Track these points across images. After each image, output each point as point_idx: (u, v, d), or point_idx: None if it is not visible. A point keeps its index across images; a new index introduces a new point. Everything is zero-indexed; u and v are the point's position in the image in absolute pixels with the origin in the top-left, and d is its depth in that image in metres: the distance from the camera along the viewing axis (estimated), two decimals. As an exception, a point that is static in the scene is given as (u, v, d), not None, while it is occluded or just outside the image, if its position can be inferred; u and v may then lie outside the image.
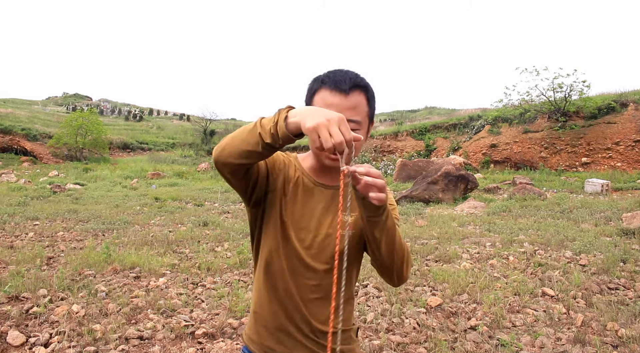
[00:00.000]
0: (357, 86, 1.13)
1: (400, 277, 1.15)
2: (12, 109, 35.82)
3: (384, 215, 1.03)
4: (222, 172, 1.11)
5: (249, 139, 1.02)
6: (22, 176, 17.91)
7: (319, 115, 0.90)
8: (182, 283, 4.44)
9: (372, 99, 1.18)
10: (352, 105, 1.12)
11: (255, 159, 1.06)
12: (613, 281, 4.36)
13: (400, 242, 1.10)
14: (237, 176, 1.12)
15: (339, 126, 0.89)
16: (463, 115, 24.53)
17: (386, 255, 1.09)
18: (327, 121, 0.89)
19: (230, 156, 1.05)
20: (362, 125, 1.15)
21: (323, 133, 0.88)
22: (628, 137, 15.38)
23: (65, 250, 5.78)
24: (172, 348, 3.09)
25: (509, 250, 5.60)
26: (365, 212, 1.02)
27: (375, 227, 1.04)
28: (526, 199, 10.08)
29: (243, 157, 1.05)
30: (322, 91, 1.13)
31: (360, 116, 1.14)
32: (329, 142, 0.88)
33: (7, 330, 3.18)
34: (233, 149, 1.04)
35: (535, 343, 3.14)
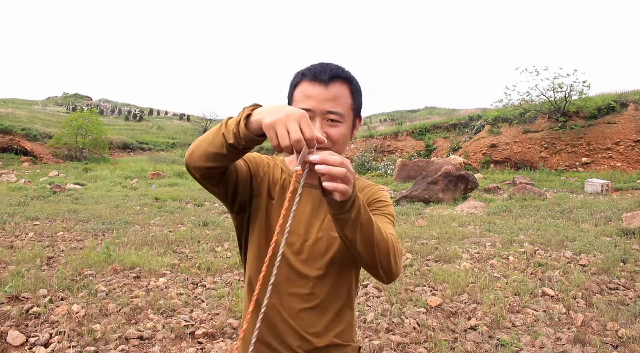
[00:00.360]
0: (337, 77, 1.08)
1: (389, 274, 1.05)
2: (12, 109, 35.83)
3: (353, 212, 0.91)
4: (194, 177, 1.04)
5: (215, 141, 0.96)
6: (22, 176, 17.92)
7: (278, 111, 0.84)
8: (182, 283, 4.44)
9: (356, 92, 1.13)
10: (333, 96, 1.07)
11: (223, 162, 0.99)
12: (613, 281, 4.36)
13: (381, 236, 1.00)
14: (212, 181, 1.05)
15: (299, 123, 0.83)
16: (463, 115, 24.55)
17: (366, 254, 0.99)
18: (286, 117, 0.83)
19: (198, 160, 0.99)
20: (345, 118, 1.10)
21: (280, 130, 0.82)
22: (628, 137, 15.39)
23: (65, 250, 5.78)
24: (172, 348, 3.09)
25: (509, 250, 5.60)
26: (329, 208, 0.92)
27: (344, 225, 0.93)
28: (526, 199, 10.08)
29: (210, 160, 0.98)
30: (302, 83, 1.09)
31: (341, 108, 1.08)
32: (286, 140, 0.82)
33: (7, 330, 3.18)
34: (200, 151, 0.98)
35: (535, 343, 3.14)
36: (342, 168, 0.83)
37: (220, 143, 0.95)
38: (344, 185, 0.84)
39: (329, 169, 0.82)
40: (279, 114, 0.83)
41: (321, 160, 0.83)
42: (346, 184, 0.84)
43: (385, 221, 1.16)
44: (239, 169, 1.11)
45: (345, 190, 0.84)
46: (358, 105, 1.15)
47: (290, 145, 0.82)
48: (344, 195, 0.86)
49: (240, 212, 1.18)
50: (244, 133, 0.90)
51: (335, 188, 0.83)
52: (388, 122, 33.63)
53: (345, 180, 0.84)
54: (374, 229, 0.97)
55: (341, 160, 0.83)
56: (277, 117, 0.83)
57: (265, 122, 0.84)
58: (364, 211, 0.94)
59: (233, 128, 0.92)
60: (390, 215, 1.20)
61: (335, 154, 0.84)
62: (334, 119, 1.07)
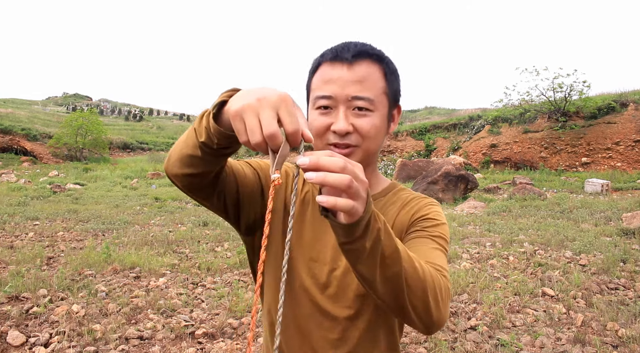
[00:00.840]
0: (365, 54, 0.86)
1: (428, 321, 0.74)
2: (12, 109, 35.84)
3: (368, 239, 0.63)
4: (178, 187, 0.85)
5: (188, 140, 0.77)
6: (22, 176, 17.92)
7: (250, 94, 0.61)
8: (182, 283, 4.44)
9: (391, 74, 0.89)
10: (359, 77, 0.84)
11: (202, 168, 0.78)
12: (613, 281, 4.36)
13: (415, 273, 0.71)
14: (199, 193, 0.85)
15: (277, 110, 0.59)
16: (463, 115, 24.54)
17: (390, 298, 0.71)
18: (258, 102, 0.59)
19: (174, 165, 0.81)
20: (376, 105, 0.86)
21: (249, 120, 0.59)
22: (628, 137, 15.39)
23: (65, 250, 5.78)
24: (172, 348, 3.09)
25: (509, 250, 5.60)
26: (335, 235, 0.65)
27: (356, 258, 0.66)
28: (526, 199, 10.08)
29: (186, 164, 0.78)
30: (321, 67, 0.88)
31: (371, 92, 0.85)
32: (256, 134, 0.58)
33: (7, 330, 3.18)
34: (176, 155, 0.80)
35: (535, 343, 3.14)
36: (344, 175, 0.56)
37: (193, 142, 0.75)
38: (349, 200, 0.58)
39: (324, 176, 0.56)
40: (250, 98, 0.60)
41: (312, 163, 0.57)
42: (352, 199, 0.58)
43: (431, 247, 0.87)
44: (242, 177, 0.90)
45: (350, 208, 0.58)
46: (394, 91, 0.91)
47: (262, 141, 0.58)
48: (351, 216, 0.59)
49: (249, 233, 0.97)
50: (214, 128, 0.70)
51: (335, 206, 0.57)
52: (388, 122, 33.63)
53: (350, 192, 0.57)
54: (403, 263, 0.69)
55: (343, 164, 0.57)
56: (247, 101, 0.60)
57: (231, 110, 0.61)
58: (387, 238, 0.66)
59: (204, 122, 0.72)
60: (440, 239, 0.90)
61: (336, 155, 0.59)
62: (362, 106, 0.85)
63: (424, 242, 0.88)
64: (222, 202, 0.89)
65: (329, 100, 0.85)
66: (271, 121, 0.58)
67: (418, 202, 0.97)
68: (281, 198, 0.97)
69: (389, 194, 1.01)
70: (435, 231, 0.91)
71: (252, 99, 0.60)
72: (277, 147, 0.59)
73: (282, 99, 0.60)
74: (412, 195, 1.00)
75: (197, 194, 0.85)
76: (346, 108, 0.85)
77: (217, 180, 0.84)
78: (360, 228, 0.62)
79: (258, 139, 0.58)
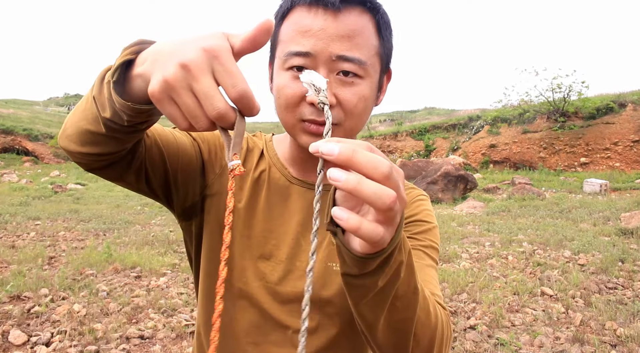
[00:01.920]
0: (356, 1, 0.64)
1: None
2: (14, 109, 35.86)
3: (382, 277, 0.47)
4: (79, 165, 0.64)
5: (87, 111, 0.56)
6: (24, 176, 17.93)
7: (167, 59, 0.43)
8: (182, 283, 4.46)
9: (385, 28, 0.67)
10: (348, 31, 0.62)
11: (108, 147, 0.57)
12: (612, 280, 4.38)
13: (427, 319, 0.56)
14: (107, 173, 0.64)
15: (212, 69, 0.41)
16: (462, 115, 24.56)
17: (388, 347, 0.56)
18: (182, 69, 0.41)
19: (70, 139, 0.59)
20: (367, 70, 0.65)
21: (183, 100, 0.42)
22: (626, 138, 15.41)
23: (66, 249, 5.79)
24: (173, 348, 3.11)
25: (508, 250, 5.62)
26: (339, 261, 0.49)
27: (359, 297, 0.50)
28: (525, 199, 10.11)
29: (85, 142, 0.57)
30: (294, 11, 0.65)
31: (362, 52, 0.64)
32: (200, 117, 0.42)
33: (8, 330, 3.20)
34: (73, 127, 0.58)
35: (534, 343, 3.16)
36: (387, 189, 0.38)
37: (93, 116, 0.54)
38: (379, 226, 0.40)
39: (358, 183, 0.37)
40: (169, 66, 0.42)
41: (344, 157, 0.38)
42: (384, 225, 0.40)
43: (424, 263, 0.70)
44: (172, 150, 0.69)
45: (379, 238, 0.40)
46: (388, 51, 0.70)
47: (210, 124, 0.43)
48: (373, 246, 0.43)
49: (185, 218, 0.78)
50: (119, 103, 0.50)
51: (357, 231, 0.39)
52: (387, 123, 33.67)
53: (387, 216, 0.39)
54: (417, 309, 0.53)
55: (389, 169, 0.39)
56: (167, 73, 0.42)
57: (151, 91, 0.43)
58: (407, 275, 0.50)
59: (105, 91, 0.51)
60: (432, 250, 0.73)
61: (377, 151, 0.41)
62: (349, 70, 0.63)
63: (415, 256, 0.69)
64: (145, 182, 0.68)
65: (306, 59, 0.63)
66: (212, 95, 0.41)
67: (407, 194, 0.78)
68: (227, 177, 0.71)
69: None
70: (427, 239, 0.73)
71: (174, 67, 0.42)
72: (228, 124, 0.43)
73: (212, 54, 0.41)
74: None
75: (103, 173, 0.64)
76: (328, 72, 0.63)
77: (133, 157, 0.63)
78: (377, 261, 0.45)
79: (204, 122, 0.43)
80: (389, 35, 0.69)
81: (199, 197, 0.75)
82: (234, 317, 0.74)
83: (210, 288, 0.76)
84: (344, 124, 0.66)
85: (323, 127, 0.63)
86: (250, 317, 0.73)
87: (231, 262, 0.73)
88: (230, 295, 0.74)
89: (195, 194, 0.74)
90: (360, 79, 0.65)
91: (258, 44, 0.43)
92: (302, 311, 0.44)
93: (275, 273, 0.73)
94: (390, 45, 0.71)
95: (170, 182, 0.70)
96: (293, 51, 0.63)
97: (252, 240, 0.74)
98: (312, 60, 0.63)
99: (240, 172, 0.43)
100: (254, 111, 0.43)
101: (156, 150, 0.67)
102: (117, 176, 0.66)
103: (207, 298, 0.77)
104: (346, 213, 0.39)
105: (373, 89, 0.68)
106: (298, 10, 0.64)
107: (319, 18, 0.62)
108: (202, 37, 0.43)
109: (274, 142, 0.81)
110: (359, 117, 0.66)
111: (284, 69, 0.65)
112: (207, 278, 0.77)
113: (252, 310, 0.73)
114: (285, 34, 0.66)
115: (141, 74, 0.47)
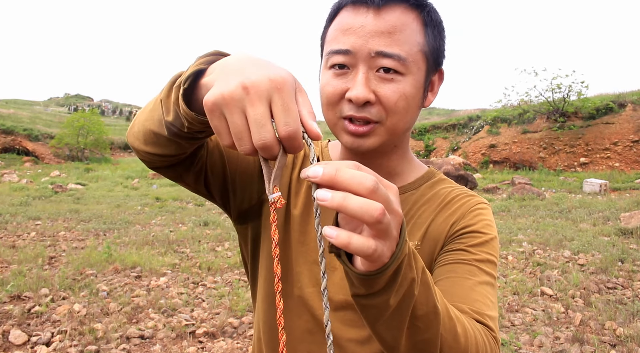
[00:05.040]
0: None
1: None
2: (14, 109, 35.88)
3: (393, 295, 0.46)
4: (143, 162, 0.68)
5: (153, 112, 0.59)
6: (24, 176, 17.94)
7: (232, 75, 0.44)
8: (182, 283, 4.46)
9: (434, 27, 0.67)
10: (388, 27, 0.62)
11: (169, 149, 0.60)
12: (611, 280, 4.38)
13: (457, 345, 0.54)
14: (169, 173, 0.68)
15: (270, 101, 0.42)
16: (462, 115, 24.56)
17: None
18: (243, 90, 0.42)
19: (137, 138, 0.63)
20: (409, 66, 0.63)
21: (233, 118, 0.42)
22: (626, 138, 15.42)
23: (66, 249, 5.80)
24: (173, 348, 3.12)
25: (508, 250, 5.62)
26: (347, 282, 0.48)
27: (375, 318, 0.49)
28: (525, 199, 10.11)
29: (149, 142, 0.61)
30: (341, 13, 0.66)
31: (402, 48, 0.62)
32: (244, 140, 0.43)
33: (9, 329, 3.21)
34: (139, 125, 0.63)
35: (534, 343, 3.17)
36: (372, 202, 0.39)
37: (159, 117, 0.57)
38: (369, 240, 0.40)
39: (343, 200, 0.38)
40: (232, 83, 0.43)
41: (327, 177, 0.39)
42: (376, 238, 0.40)
43: (477, 280, 0.65)
44: (233, 155, 0.72)
45: (371, 252, 0.40)
46: (436, 49, 0.68)
47: (252, 150, 0.43)
48: (373, 262, 0.42)
49: (241, 221, 0.78)
50: (184, 110, 0.52)
51: (347, 246, 0.39)
52: (388, 123, 33.60)
53: (377, 228, 0.39)
54: (441, 329, 0.51)
55: (373, 183, 0.39)
56: (228, 89, 0.42)
57: (206, 100, 0.44)
58: (423, 293, 0.49)
59: (173, 96, 0.54)
60: (489, 264, 0.68)
61: (364, 169, 0.41)
62: (389, 66, 0.62)
63: (467, 272, 0.65)
64: (203, 185, 0.70)
65: (346, 57, 0.63)
66: (263, 124, 0.41)
67: (463, 204, 0.73)
68: (285, 182, 0.76)
69: (424, 186, 0.76)
70: (483, 252, 0.67)
71: (235, 85, 0.42)
72: (273, 156, 0.44)
73: (275, 85, 0.42)
74: (455, 190, 0.76)
75: (164, 172, 0.67)
76: (368, 68, 0.63)
77: (194, 159, 0.66)
78: (383, 279, 0.44)
79: (247, 147, 0.43)
80: (437, 34, 0.68)
81: (256, 201, 0.75)
82: (290, 325, 0.74)
83: (270, 294, 0.75)
84: (386, 123, 0.65)
85: (362, 126, 0.65)
86: (304, 324, 0.73)
87: (288, 268, 0.74)
88: (288, 302, 0.74)
89: (253, 198, 0.75)
90: (401, 76, 0.63)
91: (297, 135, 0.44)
92: (325, 326, 0.45)
93: (329, 280, 0.70)
94: (439, 44, 0.69)
95: (228, 185, 0.72)
96: (334, 49, 0.65)
97: (307, 246, 0.73)
98: (352, 57, 0.63)
99: (282, 204, 0.45)
100: (298, 151, 0.44)
101: (217, 153, 0.69)
102: (177, 176, 0.69)
103: (267, 303, 0.76)
104: (335, 230, 0.40)
105: (417, 87, 0.66)
106: (344, 11, 0.66)
107: (361, 16, 0.63)
108: (272, 66, 0.44)
109: (330, 147, 0.82)
110: (401, 115, 0.65)
111: (327, 68, 0.67)
112: (267, 284, 0.76)
113: (306, 316, 0.73)
114: (330, 34, 0.68)
115: (206, 84, 0.48)
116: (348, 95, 0.63)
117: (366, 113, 0.64)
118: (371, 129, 0.65)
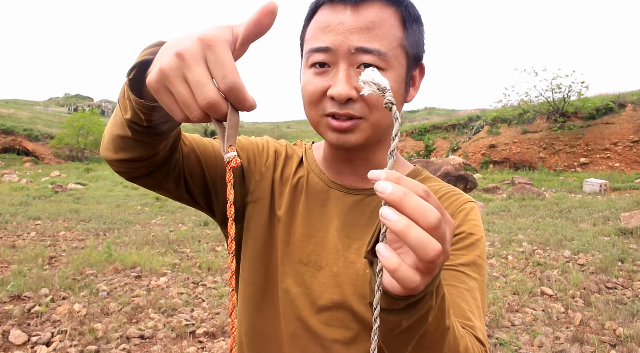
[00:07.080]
0: None
1: None
2: (14, 109, 35.87)
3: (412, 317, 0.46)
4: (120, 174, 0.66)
5: (116, 116, 0.59)
6: (24, 176, 17.94)
7: (166, 49, 0.44)
8: (182, 283, 4.46)
9: (412, 21, 0.67)
10: (366, 23, 0.62)
11: (137, 151, 0.59)
12: (611, 280, 4.38)
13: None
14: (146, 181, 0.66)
15: (205, 59, 0.42)
16: (462, 115, 24.57)
17: None
18: (177, 58, 0.42)
19: (107, 147, 0.63)
20: (390, 61, 0.64)
21: (177, 88, 0.42)
22: (626, 138, 15.43)
23: (66, 249, 5.80)
24: (173, 347, 3.12)
25: (508, 250, 5.62)
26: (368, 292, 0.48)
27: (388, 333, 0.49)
28: (525, 199, 10.11)
29: (118, 147, 0.60)
30: (319, 11, 0.67)
31: (382, 43, 0.63)
32: (192, 107, 0.42)
33: (9, 329, 3.21)
34: (107, 134, 0.62)
35: (534, 342, 3.17)
36: (433, 241, 0.38)
37: (121, 119, 0.57)
38: (417, 275, 0.40)
39: (407, 229, 0.37)
40: (166, 55, 0.43)
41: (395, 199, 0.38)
42: (422, 275, 0.40)
43: (465, 288, 0.65)
44: (210, 157, 0.71)
45: (414, 286, 0.40)
46: (415, 43, 0.68)
47: (203, 114, 0.42)
48: (405, 291, 0.41)
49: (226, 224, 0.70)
50: (134, 100, 0.52)
51: (394, 273, 0.39)
52: (388, 123, 33.58)
53: (427, 267, 0.39)
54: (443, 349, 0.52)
55: (438, 220, 0.38)
56: (164, 62, 0.42)
57: (148, 79, 0.44)
58: (437, 318, 0.48)
59: (127, 93, 0.53)
60: (476, 267, 0.67)
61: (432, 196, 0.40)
62: (370, 62, 0.62)
63: (454, 279, 0.64)
64: (184, 190, 0.70)
65: (326, 54, 0.63)
66: (203, 83, 0.41)
67: (452, 203, 0.73)
68: (267, 183, 0.76)
69: None
70: (471, 255, 0.67)
71: (169, 56, 0.42)
72: (222, 116, 0.42)
73: (206, 43, 0.41)
74: (443, 188, 0.75)
75: (143, 182, 0.66)
76: (348, 65, 0.63)
77: (168, 164, 0.65)
78: (404, 303, 0.44)
79: (196, 112, 0.42)
80: (416, 28, 0.68)
81: (240, 204, 0.76)
82: (276, 326, 0.74)
83: (254, 297, 0.75)
84: (369, 118, 0.65)
85: (345, 122, 0.65)
86: (291, 326, 0.73)
87: (273, 269, 0.74)
88: (274, 304, 0.74)
89: (237, 200, 0.75)
90: (382, 71, 0.63)
91: (263, 27, 0.44)
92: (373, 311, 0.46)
93: (315, 280, 0.71)
94: (419, 39, 0.69)
95: (209, 189, 0.72)
96: (314, 47, 0.65)
97: (292, 246, 0.74)
98: (332, 55, 0.63)
99: (237, 163, 0.43)
100: (245, 104, 0.43)
101: (194, 157, 0.69)
102: (157, 184, 0.67)
103: (251, 307, 0.76)
104: (388, 252, 0.39)
105: (398, 82, 0.66)
106: (322, 9, 0.66)
107: (339, 13, 0.63)
108: (202, 29, 0.43)
109: (314, 149, 0.82)
110: (383, 111, 0.65)
111: (307, 66, 0.67)
112: (250, 286, 0.76)
113: (292, 319, 0.72)
114: (309, 33, 0.68)
115: (150, 71, 0.47)
116: (330, 92, 0.63)
117: (349, 109, 0.64)
118: (355, 124, 0.65)
